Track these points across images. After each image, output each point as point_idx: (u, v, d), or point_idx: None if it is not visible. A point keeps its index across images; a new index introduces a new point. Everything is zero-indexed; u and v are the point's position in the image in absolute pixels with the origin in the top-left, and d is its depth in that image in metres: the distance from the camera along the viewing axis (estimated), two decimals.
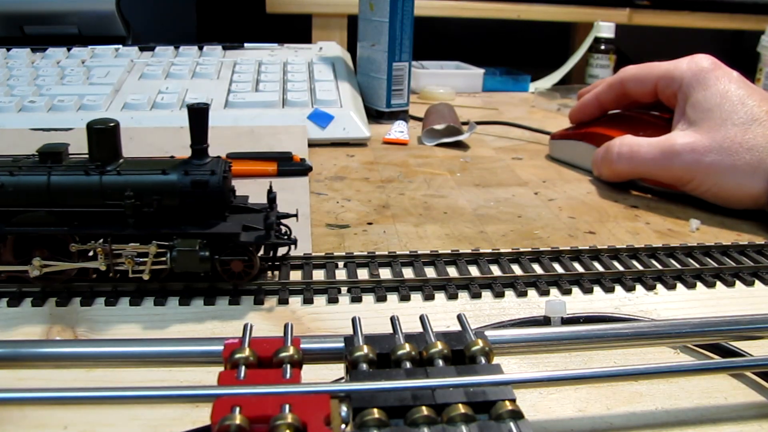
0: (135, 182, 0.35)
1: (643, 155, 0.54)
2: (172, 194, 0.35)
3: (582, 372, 0.25)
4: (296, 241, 0.38)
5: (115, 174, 0.35)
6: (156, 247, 0.34)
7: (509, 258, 0.42)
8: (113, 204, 0.35)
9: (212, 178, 0.35)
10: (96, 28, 0.89)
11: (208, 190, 0.35)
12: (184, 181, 0.35)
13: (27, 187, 0.34)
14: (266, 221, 0.36)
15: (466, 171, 0.63)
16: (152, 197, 0.35)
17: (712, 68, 0.54)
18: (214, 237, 0.35)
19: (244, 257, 0.36)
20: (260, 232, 0.36)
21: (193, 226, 0.35)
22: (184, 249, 0.34)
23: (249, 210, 0.38)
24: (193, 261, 0.34)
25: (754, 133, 0.50)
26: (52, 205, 0.35)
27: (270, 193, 0.38)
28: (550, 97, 0.93)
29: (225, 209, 0.36)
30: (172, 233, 0.35)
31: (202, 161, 0.36)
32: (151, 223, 0.35)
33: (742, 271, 0.42)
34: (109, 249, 0.34)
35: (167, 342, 0.25)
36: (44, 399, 0.22)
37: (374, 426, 0.21)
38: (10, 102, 0.64)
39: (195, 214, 0.36)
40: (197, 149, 0.36)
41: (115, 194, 0.34)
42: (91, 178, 0.35)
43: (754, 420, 0.28)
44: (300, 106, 0.69)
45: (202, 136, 0.36)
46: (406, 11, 0.75)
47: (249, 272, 0.36)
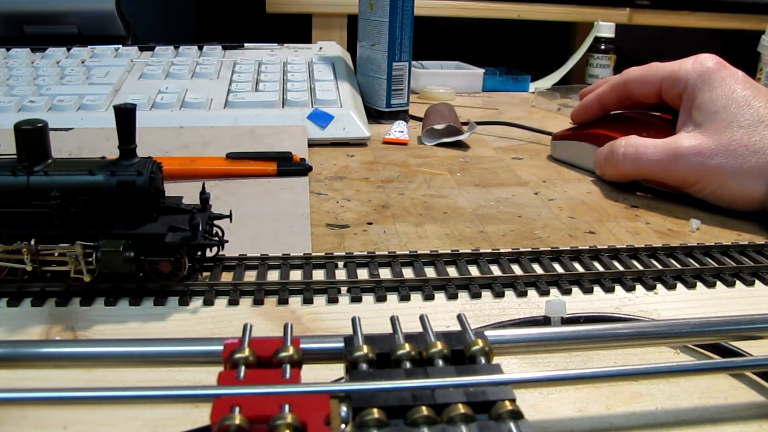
0: (62, 183, 0.35)
1: (648, 156, 0.54)
2: (98, 195, 0.35)
3: (582, 372, 0.25)
4: (223, 243, 0.38)
5: (42, 174, 0.35)
6: (81, 248, 0.34)
7: (509, 258, 0.42)
8: (40, 204, 0.35)
9: (138, 179, 0.35)
10: (96, 28, 0.89)
11: (134, 190, 0.35)
12: (110, 181, 0.35)
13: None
14: (191, 222, 0.36)
15: (466, 171, 0.63)
16: (78, 198, 0.35)
17: (718, 68, 0.53)
18: (139, 237, 0.35)
19: (171, 258, 0.36)
20: (187, 233, 0.36)
21: (119, 227, 0.35)
22: (109, 249, 0.34)
23: (180, 211, 0.38)
24: (118, 261, 0.34)
25: (760, 135, 0.49)
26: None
27: (203, 193, 0.39)
28: (550, 97, 0.93)
29: (153, 210, 0.36)
30: (98, 234, 0.35)
31: (129, 162, 0.36)
32: (77, 224, 0.35)
33: (742, 271, 0.42)
34: (34, 249, 0.34)
35: (167, 342, 0.25)
36: (44, 399, 0.22)
37: (374, 426, 0.21)
38: (10, 102, 0.64)
39: (122, 215, 0.36)
40: (125, 150, 0.36)
41: (41, 195, 0.34)
42: (18, 178, 0.35)
43: (754, 420, 0.28)
44: (300, 106, 0.69)
45: (129, 136, 0.36)
46: (406, 11, 0.75)
47: (177, 273, 0.36)
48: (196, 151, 0.60)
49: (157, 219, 0.37)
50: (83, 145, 0.59)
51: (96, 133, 0.62)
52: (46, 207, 0.34)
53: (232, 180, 0.54)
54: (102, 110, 0.66)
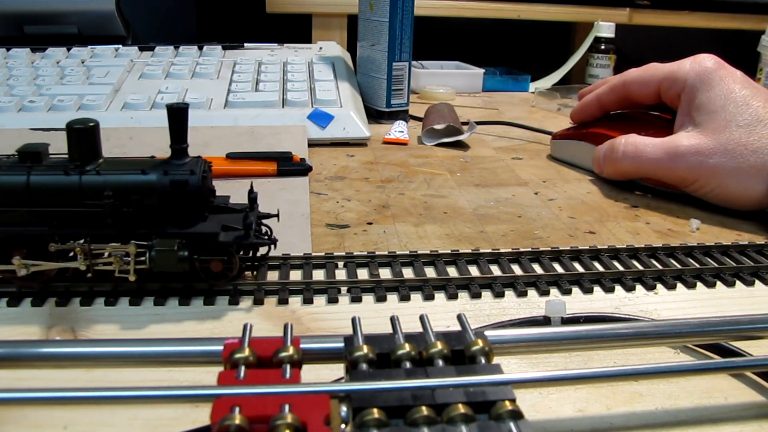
0: (114, 182, 0.35)
1: (647, 155, 0.54)
2: (151, 194, 0.35)
3: (582, 372, 0.25)
4: (276, 241, 0.38)
5: (95, 174, 0.35)
6: (135, 247, 0.34)
7: (509, 258, 0.42)
8: (92, 204, 0.34)
9: (191, 178, 0.35)
10: (96, 28, 0.89)
11: (187, 189, 0.35)
12: (164, 181, 0.35)
13: (6, 187, 0.34)
14: (245, 221, 0.36)
15: (466, 171, 0.63)
16: (131, 197, 0.34)
17: (716, 68, 0.53)
18: (193, 237, 0.35)
19: (224, 257, 0.36)
20: (239, 232, 0.36)
21: (171, 226, 0.35)
22: (163, 249, 0.34)
23: (229, 210, 0.38)
24: (172, 261, 0.34)
25: (759, 135, 0.50)
26: (32, 205, 0.35)
27: (251, 192, 0.38)
28: (550, 97, 0.93)
29: (205, 209, 0.36)
30: (151, 233, 0.35)
31: (181, 161, 0.36)
32: (130, 223, 0.35)
33: (742, 271, 0.42)
34: (88, 249, 0.34)
35: (167, 342, 0.25)
36: (44, 399, 0.22)
37: (374, 426, 0.21)
38: (10, 102, 0.64)
39: (174, 214, 0.35)
40: (177, 149, 0.36)
41: (94, 194, 0.34)
42: (71, 177, 0.35)
43: (754, 420, 0.28)
44: (300, 106, 0.69)
45: (181, 135, 0.36)
46: (406, 11, 0.75)
47: (228, 272, 0.36)
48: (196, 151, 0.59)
49: (206, 218, 0.37)
50: None
51: None
52: (98, 206, 0.34)
53: (232, 180, 0.54)
54: (102, 110, 0.66)
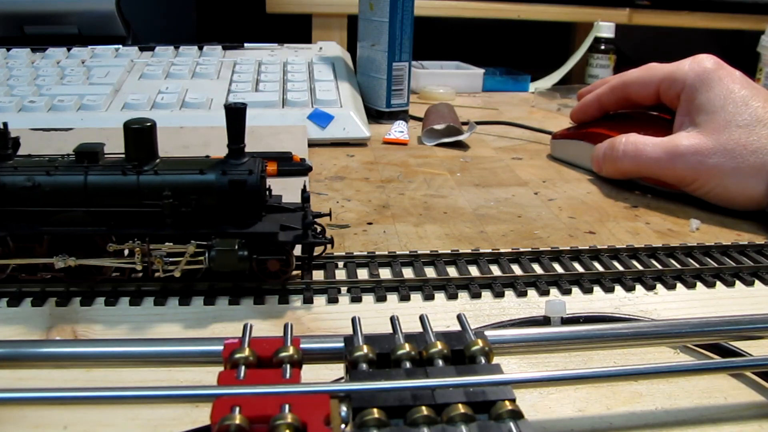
0: (172, 182, 0.35)
1: (648, 154, 0.54)
2: (209, 194, 0.35)
3: (582, 372, 0.25)
4: (332, 241, 0.38)
5: (153, 174, 0.35)
6: (194, 247, 0.34)
7: (509, 258, 0.42)
8: (150, 204, 0.34)
9: (250, 178, 0.35)
10: (96, 28, 0.89)
11: (246, 189, 0.35)
12: (222, 180, 0.35)
13: (64, 187, 0.34)
14: (304, 220, 0.36)
15: (466, 171, 0.63)
16: (190, 197, 0.34)
17: (715, 68, 0.53)
18: (252, 236, 0.35)
19: (281, 256, 0.36)
20: (297, 232, 0.36)
21: (231, 226, 0.35)
22: (224, 248, 0.34)
23: (283, 209, 0.38)
24: (232, 260, 0.34)
25: (758, 135, 0.50)
26: (89, 205, 0.35)
27: (304, 192, 0.39)
28: (550, 97, 0.93)
29: (262, 209, 0.37)
30: (211, 233, 0.35)
31: (239, 161, 0.36)
32: (188, 223, 0.35)
33: (742, 271, 0.42)
34: (147, 249, 0.34)
35: (167, 342, 0.25)
36: (44, 399, 0.22)
37: (374, 426, 0.21)
38: (10, 102, 0.64)
39: (232, 214, 0.36)
40: (234, 149, 0.36)
41: (152, 194, 0.34)
42: (128, 177, 0.35)
43: (754, 420, 0.28)
44: (300, 106, 0.69)
45: (239, 135, 0.36)
46: (406, 11, 0.75)
47: (285, 271, 0.37)
48: (196, 151, 0.59)
49: (262, 218, 0.37)
50: None
51: (96, 133, 0.61)
52: (156, 206, 0.34)
53: None
54: (102, 110, 0.66)
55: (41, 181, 0.34)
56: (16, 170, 0.35)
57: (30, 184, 0.34)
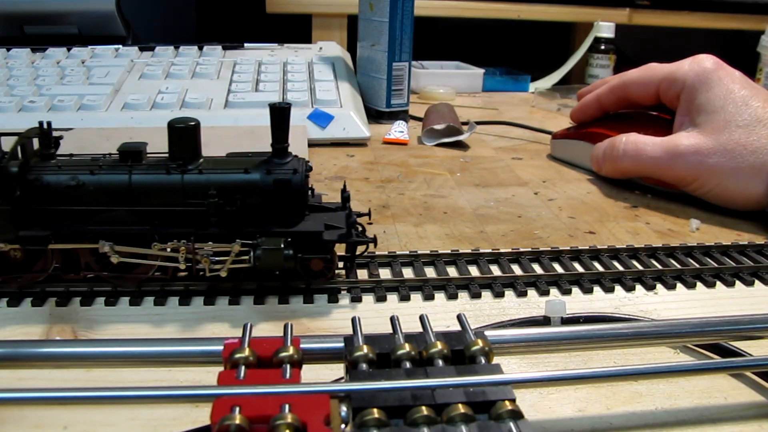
0: (217, 181, 0.35)
1: (648, 154, 0.54)
2: (254, 193, 0.35)
3: (582, 372, 0.25)
4: (376, 240, 0.38)
5: (197, 173, 0.35)
6: (239, 246, 0.34)
7: (509, 258, 0.42)
8: (194, 203, 0.34)
9: (294, 177, 0.35)
10: (96, 28, 0.89)
11: (291, 188, 0.35)
12: (267, 180, 0.35)
13: (108, 186, 0.34)
14: (348, 219, 0.36)
15: (466, 171, 0.63)
16: (234, 196, 0.34)
17: (715, 68, 0.53)
18: (297, 235, 0.35)
19: (326, 255, 0.36)
20: (341, 230, 0.36)
21: (275, 225, 0.35)
22: (270, 247, 0.34)
23: (324, 208, 0.38)
24: (278, 259, 0.34)
25: (758, 135, 0.50)
26: (133, 204, 0.35)
27: (344, 191, 0.39)
28: (550, 97, 0.93)
29: (305, 208, 0.37)
30: (256, 232, 0.35)
31: (282, 160, 0.36)
32: (232, 222, 0.35)
33: (742, 271, 0.42)
34: (192, 248, 0.34)
35: (167, 342, 0.25)
36: (44, 399, 0.22)
37: (374, 426, 0.21)
38: (10, 102, 0.64)
39: (276, 213, 0.36)
40: (278, 148, 0.36)
41: (196, 193, 0.34)
42: (173, 177, 0.35)
43: (754, 420, 0.28)
44: (300, 106, 0.69)
45: (282, 135, 0.36)
46: (406, 11, 0.75)
47: (328, 271, 0.37)
48: None
49: (305, 217, 0.37)
50: (83, 145, 0.59)
51: (96, 133, 0.61)
52: (201, 206, 0.34)
53: None
54: (102, 110, 0.66)
55: (85, 180, 0.34)
56: (59, 169, 0.35)
57: (74, 183, 0.34)
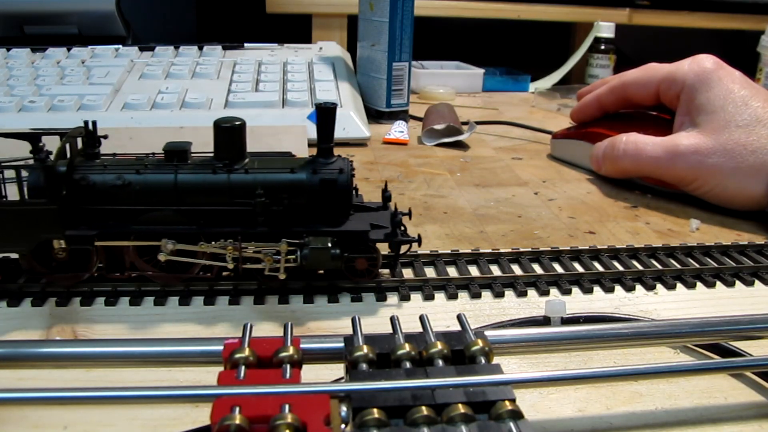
0: (264, 181, 0.35)
1: (648, 153, 0.54)
2: (300, 193, 0.35)
3: (582, 372, 0.25)
4: (420, 239, 0.38)
5: (243, 173, 0.35)
6: (287, 245, 0.34)
7: (509, 258, 0.42)
8: (241, 202, 0.35)
9: (341, 177, 0.35)
10: (96, 28, 0.89)
11: (337, 188, 0.35)
12: (313, 179, 0.35)
13: (154, 186, 0.34)
14: (393, 219, 0.36)
15: (466, 171, 0.62)
16: (281, 196, 0.35)
17: (715, 68, 0.53)
18: (344, 235, 0.35)
19: (371, 255, 0.36)
20: (386, 230, 0.36)
21: (321, 224, 0.35)
22: (317, 247, 0.34)
23: (366, 208, 0.38)
24: (325, 259, 0.34)
25: (757, 135, 0.50)
26: (179, 204, 0.35)
27: (385, 191, 0.39)
28: (550, 97, 0.93)
29: (350, 207, 0.37)
30: (303, 231, 0.35)
31: (328, 160, 0.36)
32: (278, 222, 0.35)
33: (742, 271, 0.42)
34: (239, 247, 0.34)
35: (167, 342, 0.25)
36: (44, 399, 0.22)
37: (374, 426, 0.21)
38: (10, 102, 0.64)
39: (321, 213, 0.36)
40: (324, 148, 0.36)
41: (243, 193, 0.35)
42: (219, 176, 0.35)
43: (754, 420, 0.28)
44: (300, 106, 0.69)
45: (328, 135, 0.36)
46: (406, 11, 0.75)
47: (372, 270, 0.37)
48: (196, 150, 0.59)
49: (349, 216, 0.37)
50: None
51: None
52: (247, 205, 0.34)
53: None
54: (102, 110, 0.66)
55: (131, 180, 0.34)
56: (105, 168, 0.35)
57: (120, 182, 0.34)
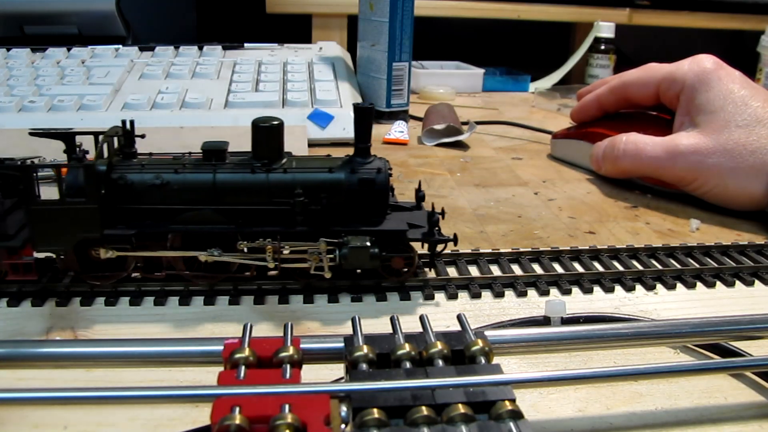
0: (303, 180, 0.35)
1: (648, 153, 0.54)
2: (338, 192, 0.35)
3: (582, 372, 0.25)
4: (456, 238, 0.38)
5: (282, 172, 0.35)
6: (325, 245, 0.34)
7: (509, 258, 0.42)
8: (279, 202, 0.35)
9: (379, 176, 0.36)
10: (96, 28, 0.89)
11: (375, 187, 0.35)
12: (352, 179, 0.35)
13: (193, 185, 0.35)
14: (431, 218, 0.36)
15: (466, 171, 0.62)
16: (319, 195, 0.35)
17: (715, 69, 0.54)
18: (383, 234, 0.35)
19: (409, 254, 0.36)
20: (423, 229, 0.36)
21: (359, 224, 0.36)
22: (356, 246, 0.34)
23: (401, 207, 0.38)
24: (365, 258, 0.34)
25: (757, 135, 0.50)
26: (218, 203, 0.35)
27: (419, 191, 0.39)
28: (550, 97, 0.93)
29: (387, 207, 0.37)
30: (342, 231, 0.35)
31: (366, 159, 0.36)
32: (317, 221, 0.35)
33: (742, 271, 0.42)
34: (278, 247, 0.34)
35: (167, 342, 0.25)
36: (44, 399, 0.22)
37: (374, 426, 0.21)
38: (10, 102, 0.64)
39: (359, 212, 0.36)
40: (361, 148, 0.36)
41: (282, 192, 0.35)
42: (258, 176, 0.35)
43: (754, 420, 0.28)
44: (300, 106, 0.69)
45: (366, 134, 0.36)
46: (406, 11, 0.75)
47: (409, 269, 0.37)
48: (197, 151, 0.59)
49: (386, 216, 0.37)
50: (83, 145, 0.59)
51: None
52: (286, 204, 0.34)
53: None
54: (102, 110, 0.66)
55: (170, 179, 0.34)
56: (143, 168, 0.35)
57: (159, 182, 0.34)
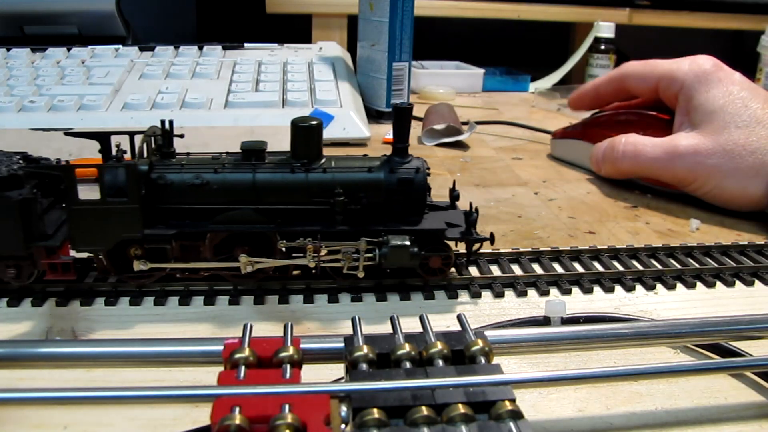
0: (342, 180, 0.35)
1: (647, 154, 0.54)
2: (377, 191, 0.35)
3: (582, 372, 0.25)
4: (493, 238, 0.38)
5: (321, 172, 0.35)
6: (366, 244, 0.35)
7: (509, 258, 0.42)
8: (319, 201, 0.35)
9: (417, 176, 0.36)
10: (96, 28, 0.89)
11: (414, 187, 0.36)
12: (391, 179, 0.35)
13: (232, 185, 0.35)
14: (468, 218, 0.37)
15: (466, 171, 0.62)
16: (359, 194, 0.35)
17: (714, 70, 0.54)
18: (422, 233, 0.36)
19: (446, 253, 0.36)
20: (461, 228, 0.37)
21: (398, 223, 0.36)
22: (397, 245, 0.34)
23: (438, 207, 0.39)
24: (404, 257, 0.35)
25: (757, 136, 0.50)
26: (257, 203, 0.35)
27: (453, 191, 0.39)
28: (550, 97, 0.93)
29: (425, 206, 0.37)
30: (382, 230, 0.35)
31: (404, 159, 0.36)
32: (356, 220, 0.35)
33: (742, 271, 0.42)
34: (319, 246, 0.34)
35: (167, 342, 0.25)
36: (44, 399, 0.22)
37: (374, 426, 0.21)
38: (10, 102, 0.64)
39: (398, 211, 0.36)
40: (399, 148, 0.36)
41: (321, 192, 0.35)
42: (297, 175, 0.35)
43: (754, 420, 0.28)
44: (300, 106, 0.69)
45: (404, 134, 0.36)
46: (406, 11, 0.75)
47: (445, 268, 0.37)
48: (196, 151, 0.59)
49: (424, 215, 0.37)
50: (84, 145, 0.59)
51: None
52: (325, 204, 0.35)
53: None
54: (102, 110, 0.66)
55: (209, 179, 0.34)
56: (182, 167, 0.35)
57: (199, 182, 0.34)
